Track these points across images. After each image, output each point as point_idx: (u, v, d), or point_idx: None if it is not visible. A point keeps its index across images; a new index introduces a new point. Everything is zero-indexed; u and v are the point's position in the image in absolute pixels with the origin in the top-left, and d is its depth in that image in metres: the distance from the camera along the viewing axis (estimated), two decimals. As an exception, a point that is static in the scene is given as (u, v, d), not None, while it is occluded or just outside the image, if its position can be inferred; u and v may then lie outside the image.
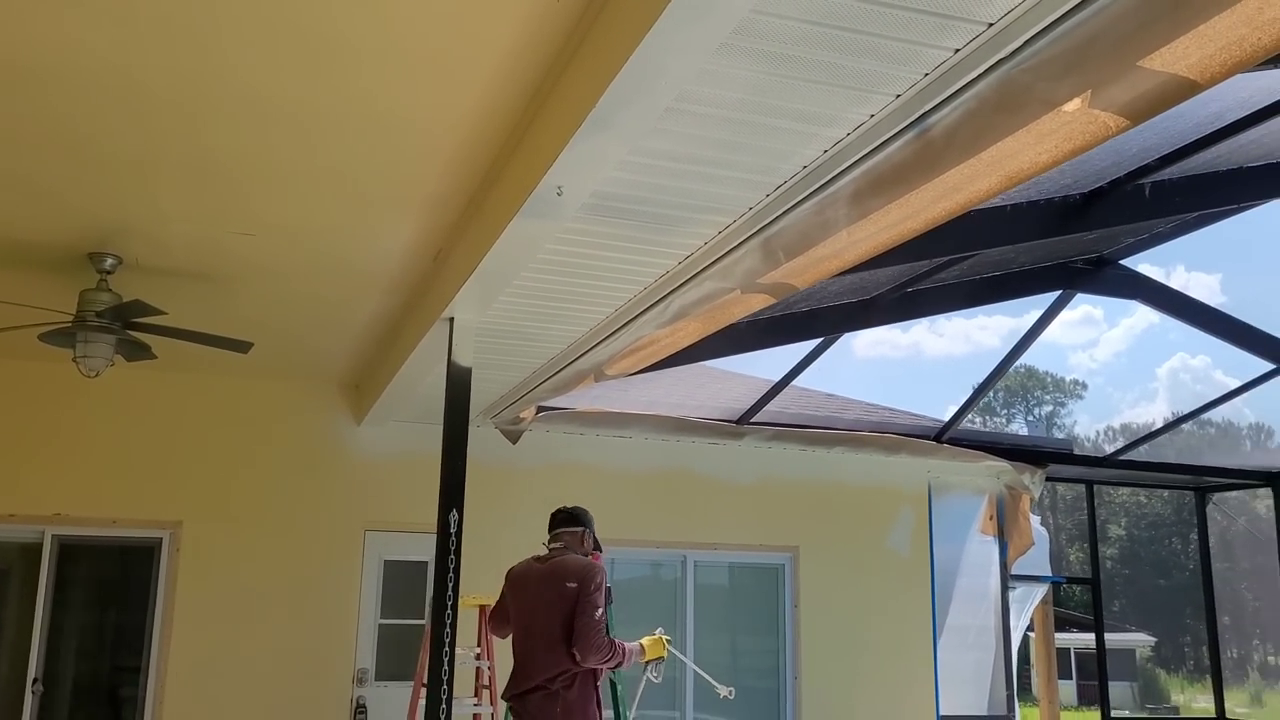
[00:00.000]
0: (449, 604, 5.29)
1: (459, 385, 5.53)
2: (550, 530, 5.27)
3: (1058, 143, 2.92)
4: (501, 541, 7.61)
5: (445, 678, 5.15)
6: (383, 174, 4.54)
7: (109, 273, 5.55)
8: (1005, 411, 59.97)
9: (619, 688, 6.15)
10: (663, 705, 9.00)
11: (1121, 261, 7.52)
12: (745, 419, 8.84)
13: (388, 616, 8.63)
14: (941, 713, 9.73)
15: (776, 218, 4.04)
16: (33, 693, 7.46)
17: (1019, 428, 56.85)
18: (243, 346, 5.94)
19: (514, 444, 8.53)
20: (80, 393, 7.95)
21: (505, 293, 5.19)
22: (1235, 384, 9.90)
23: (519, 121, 3.93)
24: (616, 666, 5.08)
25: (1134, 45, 2.50)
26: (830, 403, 10.58)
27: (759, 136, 3.57)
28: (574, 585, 4.88)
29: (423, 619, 8.72)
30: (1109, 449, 15.77)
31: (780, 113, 3.41)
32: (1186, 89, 2.54)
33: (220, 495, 8.25)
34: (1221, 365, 64.18)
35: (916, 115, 3.24)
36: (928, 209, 3.48)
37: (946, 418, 9.89)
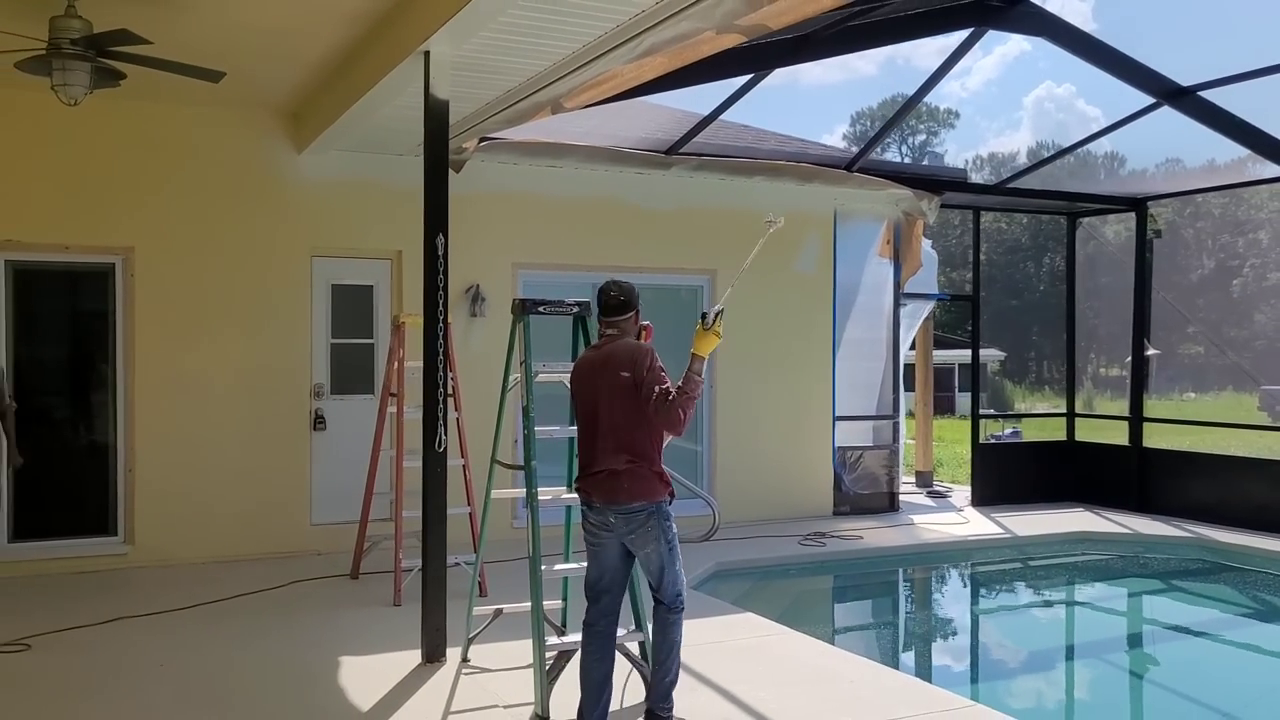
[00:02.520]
0: (441, 319, 5.86)
1: (437, 117, 5.85)
2: (603, 318, 4.88)
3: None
4: (448, 266, 8.11)
5: (442, 381, 5.79)
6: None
7: (75, -2, 5.54)
8: (882, 139, 61.19)
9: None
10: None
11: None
12: (674, 150, 9.30)
13: (338, 336, 9.17)
14: (838, 413, 11.00)
15: (762, -37, 4.40)
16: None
17: (893, 156, 58.23)
18: (214, 76, 6.06)
19: (457, 173, 8.83)
20: (24, 121, 7.94)
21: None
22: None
23: None
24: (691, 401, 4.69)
25: None
26: (746, 134, 11.08)
27: (761, -111, 3.90)
28: (627, 375, 4.62)
29: (370, 338, 9.32)
30: (976, 177, 16.58)
31: None
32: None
33: (169, 222, 8.44)
34: (1085, 94, 66.22)
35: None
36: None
37: (825, 143, 10.48)
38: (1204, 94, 9.15)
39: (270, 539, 8.74)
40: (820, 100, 75.99)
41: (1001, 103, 76.95)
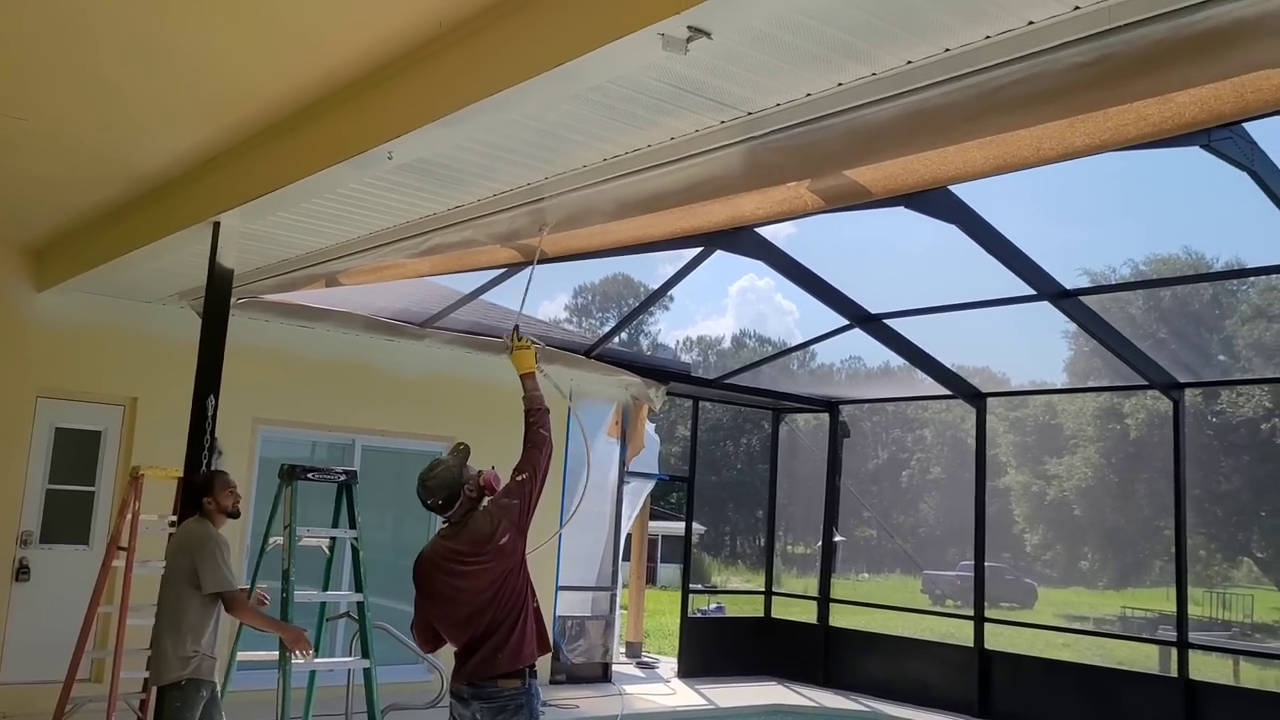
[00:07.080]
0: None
1: (221, 284, 6.08)
2: (442, 515, 4.60)
3: (772, 205, 4.31)
4: (184, 417, 8.08)
5: (196, 542, 5.81)
6: (191, 95, 4.99)
7: None
8: (600, 314, 64.24)
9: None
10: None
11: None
12: (429, 323, 9.79)
13: (57, 482, 8.75)
14: (561, 583, 11.50)
15: (551, 196, 5.12)
16: None
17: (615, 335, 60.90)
18: (-16, 218, 6.00)
19: (209, 326, 8.85)
20: None
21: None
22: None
23: (353, 86, 4.66)
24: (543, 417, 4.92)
25: (841, 159, 3.90)
26: (494, 311, 11.74)
27: (558, 143, 4.62)
28: (482, 558, 4.47)
29: (92, 486, 8.95)
30: (685, 357, 18.10)
31: (580, 131, 4.48)
32: (863, 193, 4.00)
33: (-121, 350, 7.93)
34: (781, 289, 73.31)
35: (679, 156, 4.47)
36: (669, 224, 4.77)
37: (546, 318, 11.41)
38: (887, 321, 10.80)
39: (-51, 700, 8.01)
40: (544, 271, 78.82)
41: (710, 290, 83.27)
